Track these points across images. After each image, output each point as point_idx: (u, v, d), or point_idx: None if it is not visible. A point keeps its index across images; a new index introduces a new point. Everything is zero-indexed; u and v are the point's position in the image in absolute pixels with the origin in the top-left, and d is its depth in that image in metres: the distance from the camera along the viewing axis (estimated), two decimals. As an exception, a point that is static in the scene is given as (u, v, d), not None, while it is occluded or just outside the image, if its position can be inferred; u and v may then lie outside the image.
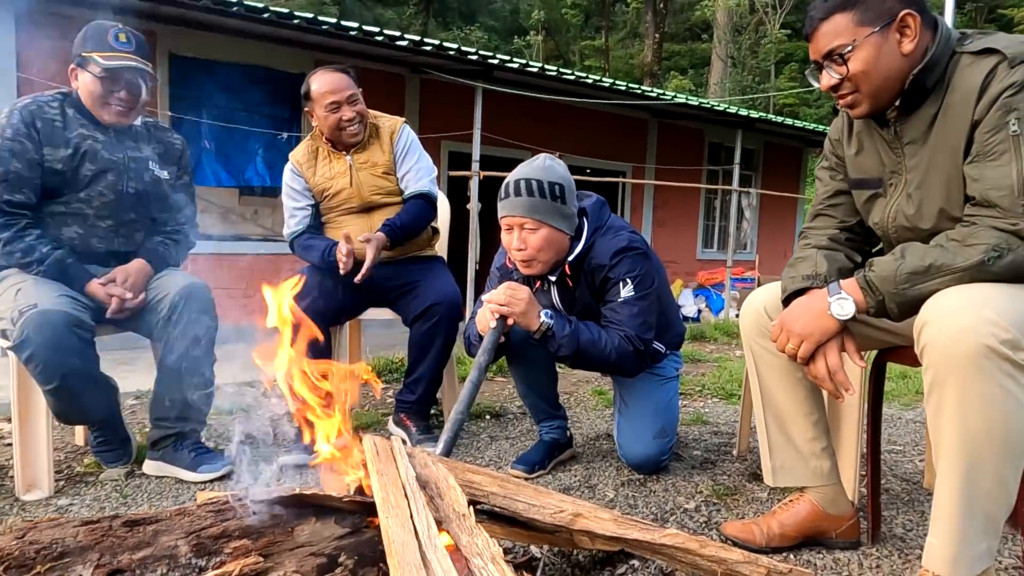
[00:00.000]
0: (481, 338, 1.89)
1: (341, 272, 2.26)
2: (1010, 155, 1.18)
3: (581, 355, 1.85)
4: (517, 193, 1.86)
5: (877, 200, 1.46)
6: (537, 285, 2.04)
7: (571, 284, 1.98)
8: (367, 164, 2.44)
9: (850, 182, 1.53)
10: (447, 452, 1.59)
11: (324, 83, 2.34)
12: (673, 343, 2.20)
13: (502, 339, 1.90)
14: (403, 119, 2.54)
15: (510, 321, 1.83)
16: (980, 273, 1.16)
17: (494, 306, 1.82)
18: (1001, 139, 1.20)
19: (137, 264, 2.02)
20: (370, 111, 2.49)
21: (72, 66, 1.96)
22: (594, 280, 1.94)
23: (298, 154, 2.48)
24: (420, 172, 2.49)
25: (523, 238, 1.86)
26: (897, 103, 1.34)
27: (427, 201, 2.48)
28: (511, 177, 1.91)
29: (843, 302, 1.27)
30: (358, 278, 2.26)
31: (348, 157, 2.43)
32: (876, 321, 1.48)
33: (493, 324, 1.83)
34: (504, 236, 1.92)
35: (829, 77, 1.34)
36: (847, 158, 1.52)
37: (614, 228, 1.98)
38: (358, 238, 2.30)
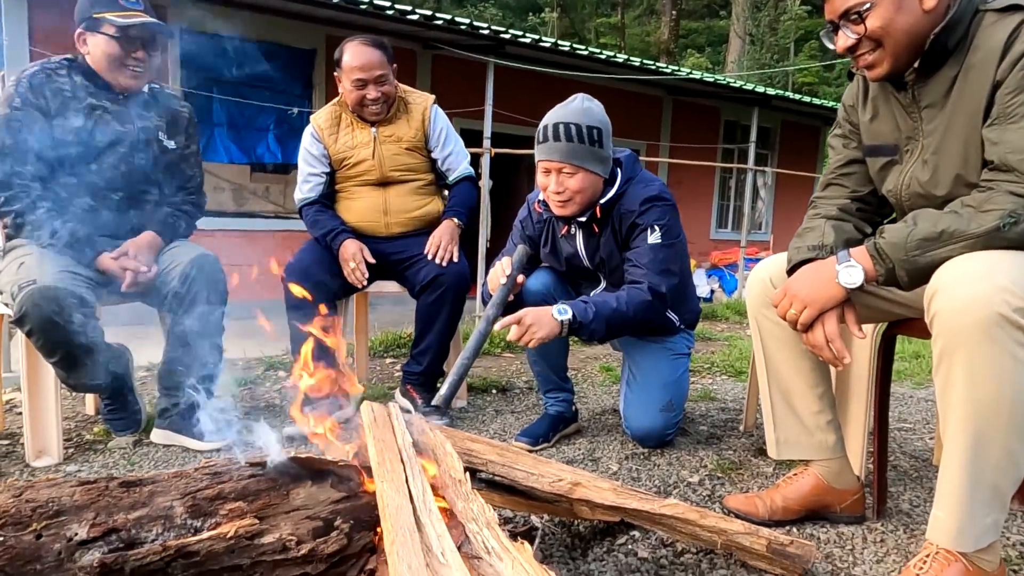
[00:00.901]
0: (492, 296, 1.94)
1: (357, 286, 2.35)
2: None
3: (611, 329, 1.85)
4: (556, 137, 1.87)
5: (893, 167, 1.41)
6: (564, 230, 2.06)
7: (597, 230, 1.99)
8: (392, 138, 2.42)
9: (864, 149, 1.48)
10: (450, 395, 1.61)
11: (355, 57, 2.31)
12: (687, 319, 2.18)
13: (511, 297, 1.96)
14: (433, 97, 2.52)
15: (531, 343, 1.77)
16: (994, 240, 1.12)
17: (515, 327, 1.77)
18: (1023, 100, 1.15)
19: (148, 236, 2.02)
20: (400, 85, 2.46)
21: (79, 30, 1.92)
22: (621, 227, 1.96)
23: (320, 119, 2.46)
24: (460, 155, 2.55)
25: (560, 181, 1.90)
26: (916, 65, 1.29)
27: (473, 183, 2.58)
28: (549, 119, 1.92)
29: (851, 270, 1.24)
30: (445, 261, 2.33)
31: (373, 129, 2.41)
32: (885, 292, 1.44)
33: (503, 280, 1.89)
34: (540, 178, 1.95)
35: (846, 37, 1.29)
36: (862, 124, 1.47)
37: (646, 179, 2.01)
38: (438, 246, 2.35)
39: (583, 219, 1.98)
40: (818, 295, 1.27)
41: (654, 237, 1.91)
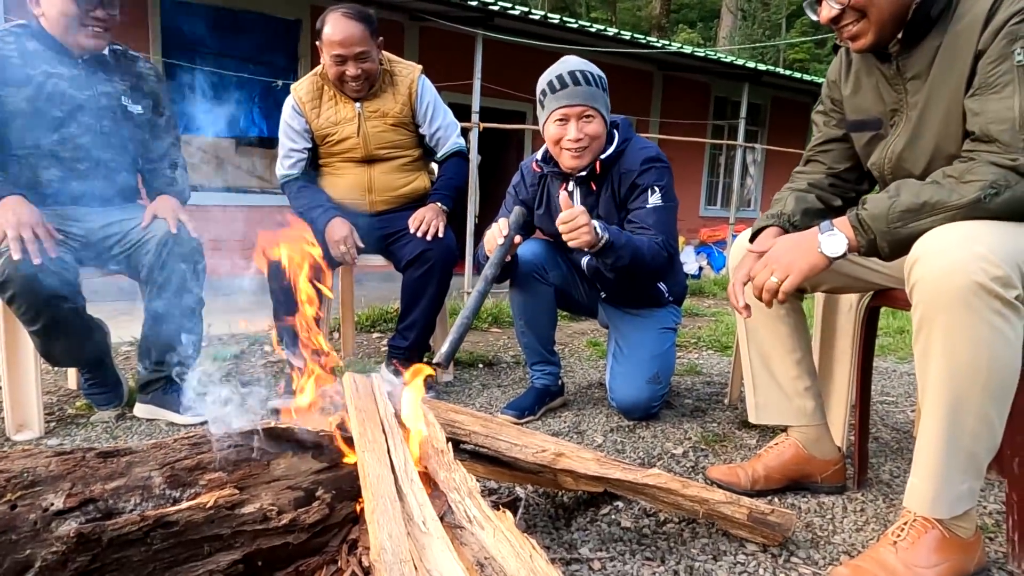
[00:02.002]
0: (488, 258, 1.93)
1: (345, 264, 2.33)
2: (1014, 87, 1.13)
3: (632, 263, 1.84)
4: (575, 82, 1.88)
5: (878, 142, 1.41)
6: (562, 187, 2.05)
7: (595, 187, 2.00)
8: (377, 113, 2.35)
9: (848, 124, 1.48)
10: (451, 352, 1.62)
11: (336, 30, 2.21)
12: (675, 292, 2.20)
13: (509, 258, 1.96)
14: (420, 68, 2.43)
15: (581, 226, 1.75)
16: (976, 211, 1.12)
17: (568, 228, 1.76)
18: (1005, 70, 1.14)
19: (170, 201, 2.01)
20: (385, 55, 2.38)
21: None
22: (620, 186, 1.97)
23: (301, 90, 2.37)
24: (449, 129, 2.47)
25: (580, 127, 1.89)
26: (900, 35, 1.28)
27: (463, 157, 2.50)
28: (556, 71, 1.91)
29: (834, 239, 1.23)
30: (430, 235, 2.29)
31: (358, 105, 2.34)
32: (867, 261, 1.45)
33: (501, 241, 1.88)
34: (554, 129, 1.92)
35: (830, 8, 1.28)
36: (845, 99, 1.47)
37: (642, 142, 2.03)
38: (424, 221, 2.30)
39: (583, 173, 1.97)
40: (801, 263, 1.27)
41: (655, 199, 1.94)
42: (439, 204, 2.38)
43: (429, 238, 2.28)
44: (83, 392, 2.12)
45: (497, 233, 1.94)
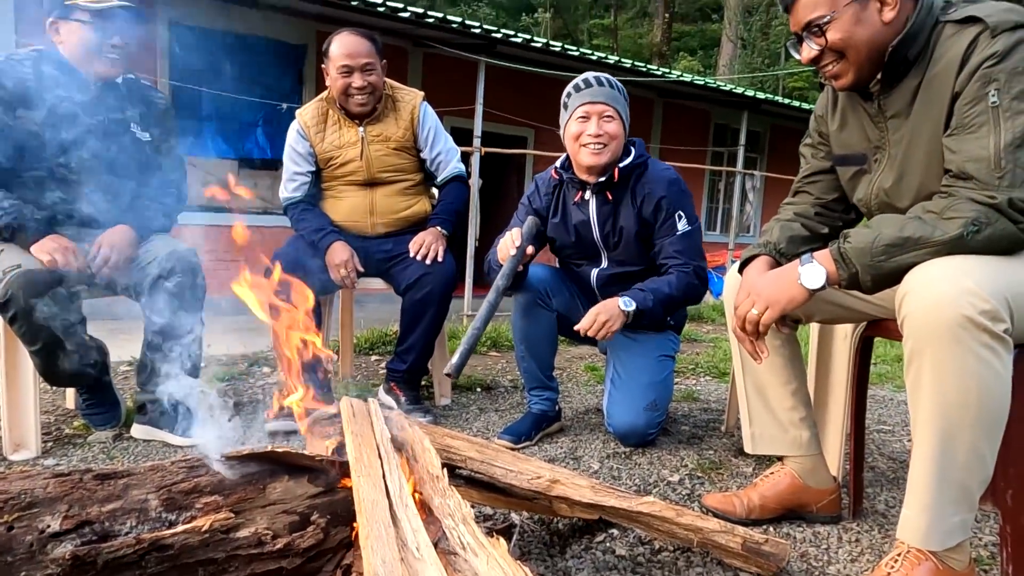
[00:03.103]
0: (501, 266, 1.97)
1: (345, 287, 2.38)
2: (988, 127, 1.16)
3: (665, 311, 2.01)
4: (599, 83, 2.01)
5: (862, 177, 1.45)
6: (577, 196, 2.11)
7: (610, 197, 2.07)
8: (380, 138, 2.40)
9: (834, 159, 1.52)
10: (461, 364, 1.67)
11: (343, 45, 2.29)
12: (676, 318, 2.23)
13: (520, 268, 2.00)
14: (422, 94, 2.49)
15: (608, 336, 1.93)
16: (958, 247, 1.14)
17: (594, 328, 1.91)
18: (980, 111, 1.17)
19: (120, 230, 1.98)
20: (388, 81, 2.44)
21: (51, 20, 1.89)
22: (644, 204, 2.05)
23: (306, 115, 2.42)
24: (450, 154, 2.52)
25: (600, 125, 1.99)
26: (880, 75, 1.32)
27: (462, 181, 2.55)
28: (582, 76, 2.05)
29: (813, 271, 1.26)
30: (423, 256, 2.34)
31: (361, 129, 2.39)
32: (856, 293, 1.47)
33: (513, 252, 1.92)
34: (575, 127, 2.02)
35: (809, 49, 1.33)
36: (831, 134, 1.51)
37: (660, 163, 2.13)
38: (420, 244, 2.34)
39: (602, 179, 2.04)
40: (780, 295, 1.29)
41: (683, 225, 2.05)
42: (439, 228, 2.41)
43: (428, 262, 2.31)
44: (81, 412, 2.12)
45: (510, 242, 1.96)
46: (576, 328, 1.95)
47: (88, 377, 2.01)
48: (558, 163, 2.15)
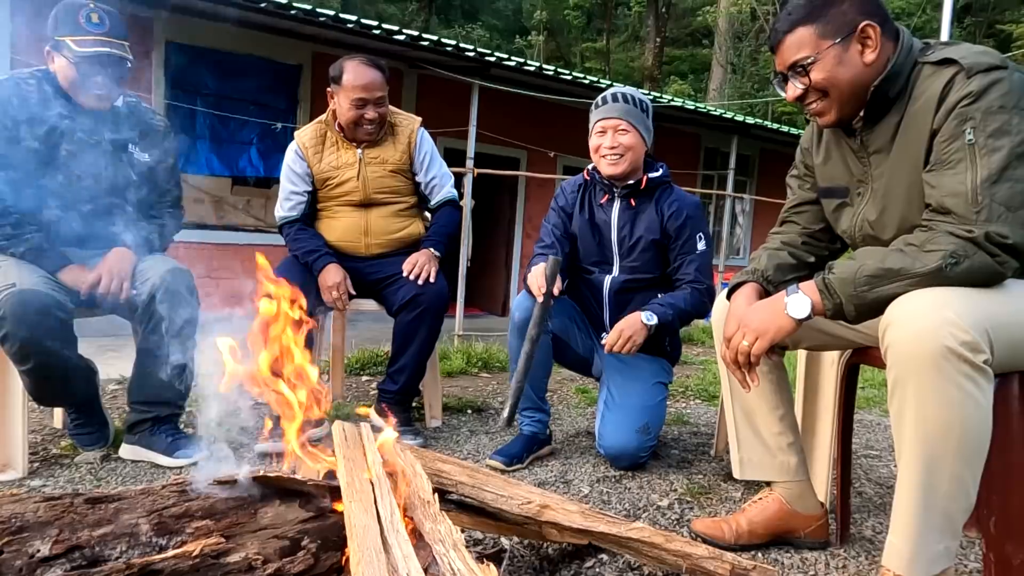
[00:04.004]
0: (530, 292, 2.05)
1: (336, 309, 2.41)
2: (965, 163, 1.20)
3: (683, 320, 2.16)
4: (615, 100, 2.15)
5: (845, 209, 1.49)
6: (604, 198, 2.24)
7: (633, 203, 2.19)
8: (377, 160, 2.43)
9: (819, 191, 1.57)
10: (511, 415, 1.84)
11: (359, 77, 2.31)
12: (673, 343, 2.30)
13: (552, 301, 2.01)
14: (420, 120, 2.54)
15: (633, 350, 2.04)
16: (937, 279, 1.17)
17: (620, 343, 2.03)
18: (957, 148, 1.21)
19: (120, 253, 1.99)
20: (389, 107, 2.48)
21: (47, 48, 1.92)
22: (668, 218, 2.17)
23: (305, 136, 2.45)
24: (444, 178, 2.57)
25: (615, 138, 2.13)
26: (862, 113, 1.37)
27: (455, 206, 2.61)
28: (604, 93, 2.21)
29: (800, 301, 1.29)
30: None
31: (359, 150, 2.42)
32: (841, 321, 1.50)
33: (540, 298, 1.94)
34: (595, 139, 2.18)
35: (794, 88, 1.38)
36: (816, 167, 1.55)
37: (678, 187, 2.28)
38: (413, 267, 2.37)
39: (631, 182, 2.17)
40: (769, 326, 1.32)
41: (702, 244, 2.19)
42: (432, 250, 2.44)
43: (421, 282, 2.33)
44: (69, 432, 2.11)
45: (540, 280, 1.96)
46: (603, 343, 2.10)
47: (79, 398, 2.00)
48: (590, 166, 2.27)
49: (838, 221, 1.51)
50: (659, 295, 2.17)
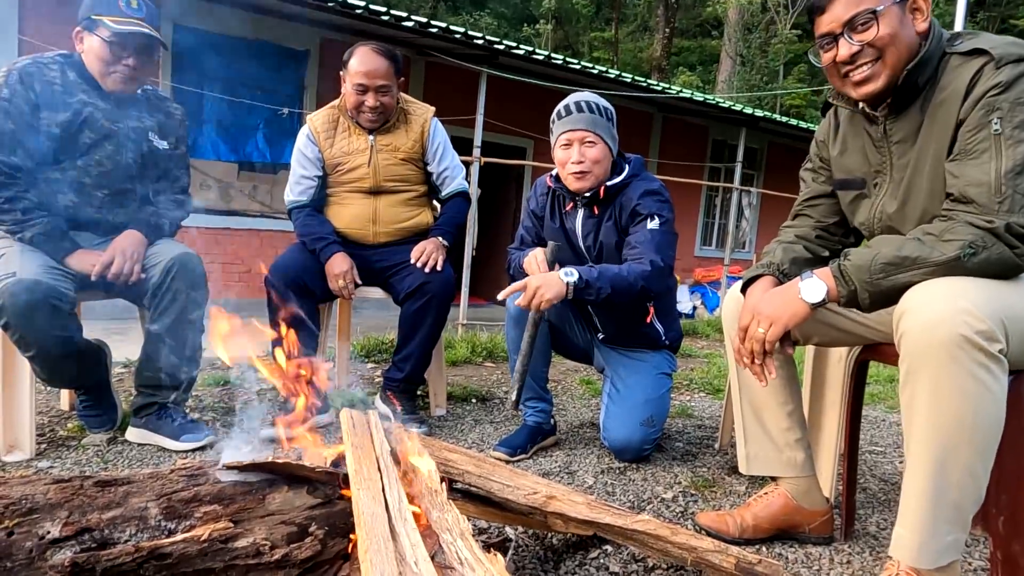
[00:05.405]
0: (522, 269, 2.06)
1: (343, 297, 2.39)
2: (990, 153, 1.19)
3: (616, 291, 1.91)
4: (579, 110, 2.02)
5: (863, 201, 1.47)
6: (569, 206, 2.15)
7: (596, 212, 2.10)
8: (388, 147, 2.43)
9: (835, 183, 1.55)
10: (519, 397, 1.87)
11: (362, 62, 2.31)
12: (671, 336, 2.25)
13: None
14: (433, 109, 2.53)
15: (541, 305, 1.86)
16: (954, 269, 1.16)
17: (527, 299, 1.86)
18: (983, 138, 1.20)
19: (131, 235, 1.99)
20: (402, 95, 2.47)
21: (78, 29, 1.92)
22: (622, 215, 2.06)
23: (317, 121, 2.45)
24: (455, 170, 2.56)
25: (582, 152, 2.01)
26: (888, 100, 1.34)
27: (465, 198, 2.59)
28: (565, 101, 2.06)
29: (814, 286, 1.28)
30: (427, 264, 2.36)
31: (371, 137, 2.41)
32: (855, 315, 1.49)
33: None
34: (560, 153, 2.05)
35: (848, 46, 1.29)
36: (832, 159, 1.54)
37: (648, 178, 2.13)
38: (422, 254, 2.36)
39: (587, 194, 2.06)
40: (783, 312, 1.31)
41: (653, 224, 2.01)
42: (440, 239, 2.43)
43: (428, 270, 2.32)
44: (77, 414, 2.12)
45: (535, 264, 1.99)
46: (498, 297, 1.99)
47: (87, 381, 2.01)
48: (553, 171, 2.18)
49: (855, 213, 1.49)
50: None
